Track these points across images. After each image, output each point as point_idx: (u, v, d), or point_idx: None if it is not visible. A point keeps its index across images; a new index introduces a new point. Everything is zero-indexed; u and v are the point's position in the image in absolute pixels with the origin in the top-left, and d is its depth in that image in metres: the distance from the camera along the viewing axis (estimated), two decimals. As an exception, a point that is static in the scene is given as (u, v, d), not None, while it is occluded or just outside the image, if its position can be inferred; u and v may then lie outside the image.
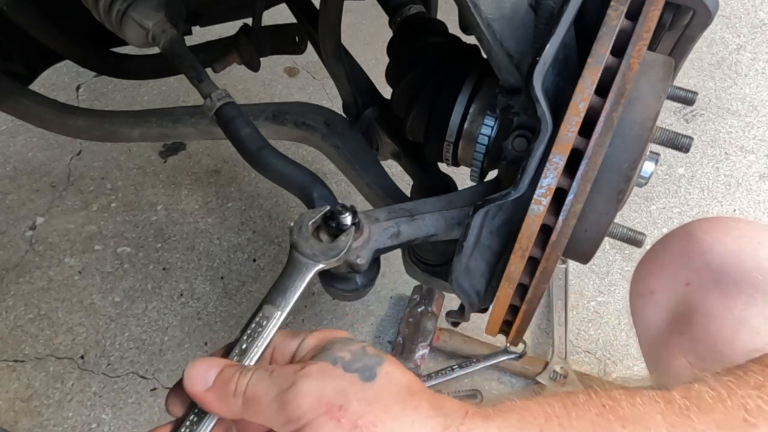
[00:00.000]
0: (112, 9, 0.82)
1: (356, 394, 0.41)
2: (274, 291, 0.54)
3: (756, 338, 0.58)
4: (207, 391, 0.46)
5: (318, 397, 0.41)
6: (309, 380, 0.42)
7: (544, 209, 0.54)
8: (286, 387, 0.42)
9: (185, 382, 0.47)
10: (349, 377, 0.42)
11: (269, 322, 0.51)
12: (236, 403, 0.44)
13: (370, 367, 0.43)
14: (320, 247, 0.58)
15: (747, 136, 1.83)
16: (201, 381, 0.46)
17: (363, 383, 0.42)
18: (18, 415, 1.30)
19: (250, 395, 0.44)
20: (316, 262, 0.57)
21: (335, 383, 0.42)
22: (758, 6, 2.21)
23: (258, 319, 0.51)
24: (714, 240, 0.64)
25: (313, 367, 0.43)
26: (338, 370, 0.43)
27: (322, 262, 0.57)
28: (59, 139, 1.72)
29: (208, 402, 0.46)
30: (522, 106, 0.65)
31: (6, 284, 1.48)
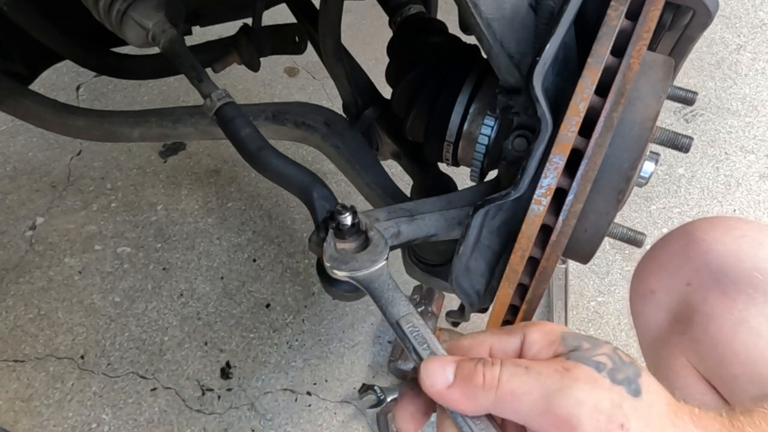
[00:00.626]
0: (112, 9, 0.82)
1: (632, 411, 0.39)
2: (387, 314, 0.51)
3: (756, 338, 0.58)
4: (451, 388, 0.43)
5: (595, 409, 0.39)
6: (582, 387, 0.40)
7: (544, 209, 0.54)
8: (555, 389, 0.40)
9: (425, 383, 0.43)
10: (618, 390, 0.40)
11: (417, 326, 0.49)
12: (487, 397, 0.42)
13: (632, 379, 0.41)
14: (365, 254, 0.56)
15: (747, 136, 1.84)
16: (442, 378, 0.43)
17: (632, 399, 0.40)
18: (18, 415, 1.30)
19: (507, 390, 0.41)
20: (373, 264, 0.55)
21: (608, 396, 0.40)
22: (758, 6, 2.21)
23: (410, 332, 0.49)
24: (714, 240, 0.64)
25: (580, 371, 0.41)
26: (606, 380, 0.41)
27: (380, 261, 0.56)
28: (59, 139, 1.73)
29: (454, 399, 0.43)
30: (522, 106, 0.65)
31: (6, 284, 1.48)
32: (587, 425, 0.39)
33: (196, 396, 1.34)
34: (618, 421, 0.39)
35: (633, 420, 0.39)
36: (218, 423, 1.31)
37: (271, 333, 1.44)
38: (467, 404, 0.43)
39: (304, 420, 1.32)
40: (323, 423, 1.32)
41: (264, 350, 1.41)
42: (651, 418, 0.40)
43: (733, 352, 0.58)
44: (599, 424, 0.38)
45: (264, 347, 1.41)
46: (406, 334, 0.49)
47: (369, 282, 0.55)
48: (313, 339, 1.43)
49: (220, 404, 1.33)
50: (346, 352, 1.42)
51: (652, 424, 0.39)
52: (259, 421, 1.31)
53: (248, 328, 1.44)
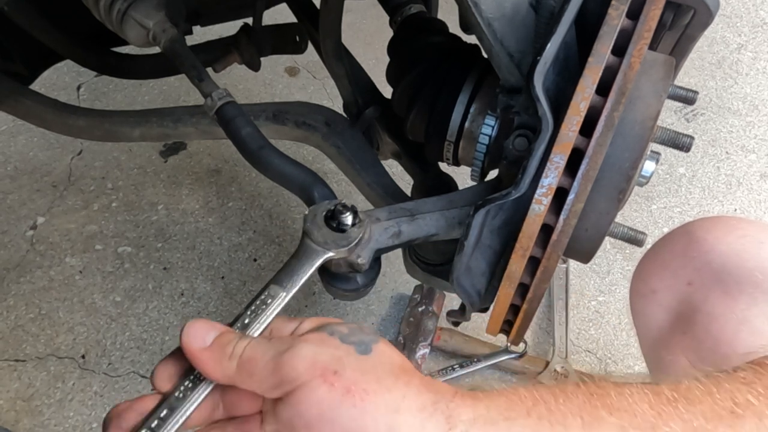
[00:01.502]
0: (112, 9, 0.82)
1: (351, 363, 0.42)
2: (282, 272, 0.55)
3: (758, 338, 0.58)
4: (204, 350, 0.45)
5: (313, 362, 0.41)
6: (306, 345, 0.43)
7: (545, 209, 0.54)
8: (283, 350, 0.43)
9: (183, 338, 0.46)
10: (346, 348, 0.43)
11: (273, 301, 0.52)
12: (230, 365, 0.44)
13: (365, 342, 0.44)
14: (332, 236, 0.59)
15: (748, 135, 1.83)
16: (200, 339, 0.46)
17: (358, 355, 0.43)
18: (19, 414, 1.30)
19: (246, 357, 0.44)
20: (326, 249, 0.58)
21: (331, 351, 0.43)
22: (759, 5, 2.20)
23: (263, 297, 0.52)
24: (715, 239, 0.64)
25: (312, 335, 0.45)
26: (335, 340, 0.44)
27: (332, 251, 0.58)
28: (60, 139, 1.73)
29: (203, 361, 0.45)
30: (523, 105, 0.65)
31: (7, 284, 1.48)
32: (304, 375, 0.41)
33: (196, 395, 1.34)
34: (332, 368, 0.41)
35: (348, 369, 0.41)
36: (219, 422, 1.31)
37: (271, 333, 1.44)
38: (214, 368, 0.45)
39: (304, 419, 1.32)
40: (324, 422, 1.32)
41: (265, 350, 1.41)
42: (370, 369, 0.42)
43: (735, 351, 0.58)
44: (315, 371, 0.41)
45: (265, 347, 1.41)
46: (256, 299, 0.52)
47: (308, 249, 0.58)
48: (313, 338, 1.43)
49: (221, 404, 1.33)
50: (346, 352, 1.41)
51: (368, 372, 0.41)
52: (259, 420, 1.31)
53: (249, 328, 1.44)
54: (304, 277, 0.55)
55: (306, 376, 0.41)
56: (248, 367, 0.44)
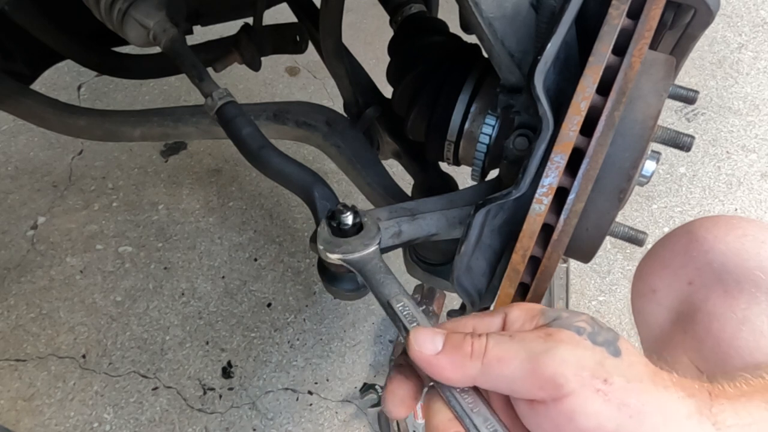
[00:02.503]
0: (113, 8, 0.82)
1: (614, 370, 0.40)
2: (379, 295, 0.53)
3: (759, 337, 0.57)
4: (439, 355, 0.43)
5: (579, 366, 0.39)
6: (565, 347, 0.40)
7: (546, 208, 0.54)
8: (540, 350, 0.40)
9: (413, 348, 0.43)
10: (600, 351, 0.41)
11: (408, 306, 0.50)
12: (474, 365, 0.42)
13: (611, 341, 0.42)
14: (357, 239, 0.58)
15: (748, 135, 1.83)
16: (431, 346, 0.43)
17: (613, 358, 0.41)
18: (20, 414, 1.30)
19: (493, 356, 0.41)
20: (367, 247, 0.57)
21: (591, 354, 0.40)
22: (759, 5, 2.20)
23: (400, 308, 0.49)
24: (716, 239, 0.64)
25: (563, 335, 0.41)
26: (587, 341, 0.41)
27: (373, 245, 0.57)
28: (60, 139, 1.73)
29: (441, 366, 0.42)
30: (523, 105, 0.65)
31: (8, 283, 1.48)
32: (573, 382, 0.39)
33: (197, 395, 1.34)
34: (601, 376, 0.39)
35: (615, 376, 0.39)
36: (219, 422, 1.31)
37: (272, 332, 1.44)
38: (454, 372, 0.43)
39: (305, 419, 1.32)
40: (324, 422, 1.32)
41: (265, 349, 1.41)
42: (632, 375, 0.40)
43: (736, 351, 0.58)
44: (584, 380, 0.39)
45: (265, 346, 1.41)
46: (397, 314, 0.49)
47: (361, 265, 0.56)
48: (314, 338, 1.43)
49: (222, 403, 1.33)
50: (347, 352, 1.42)
51: (633, 380, 0.40)
52: (260, 420, 1.31)
53: (249, 328, 1.44)
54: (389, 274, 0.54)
55: (575, 383, 0.39)
56: (498, 366, 0.41)
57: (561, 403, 0.39)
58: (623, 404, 0.39)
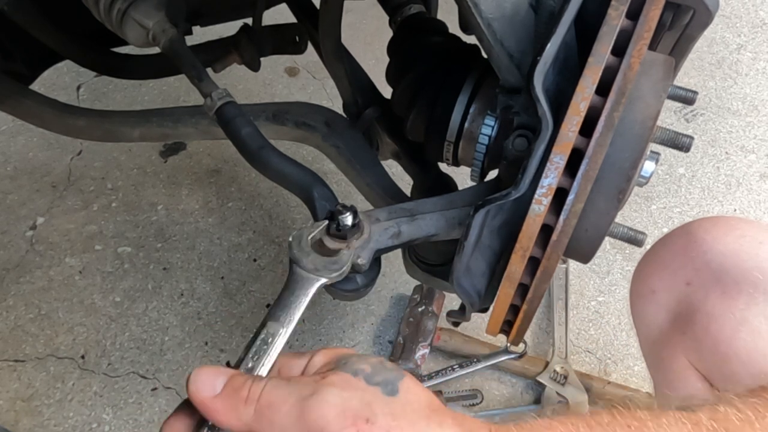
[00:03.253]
0: (112, 9, 0.82)
1: (381, 408, 0.40)
2: (276, 307, 0.52)
3: (756, 338, 0.58)
4: (215, 398, 0.43)
5: (343, 409, 0.39)
6: (332, 389, 0.40)
7: (545, 209, 0.54)
8: (308, 395, 0.40)
9: (190, 388, 0.43)
10: (373, 390, 0.41)
11: (274, 339, 0.50)
12: (248, 411, 0.41)
13: (391, 381, 0.42)
14: (322, 261, 0.57)
15: (747, 135, 1.83)
16: (209, 387, 0.43)
17: (386, 397, 0.41)
18: (19, 414, 1.30)
19: (265, 402, 0.41)
20: (318, 276, 0.56)
21: (359, 395, 0.40)
22: (759, 5, 2.20)
23: (263, 337, 0.49)
24: (715, 239, 0.64)
25: (335, 377, 0.42)
26: (360, 381, 0.42)
27: (324, 277, 0.56)
28: (60, 139, 1.73)
29: (216, 410, 0.42)
30: (522, 105, 0.65)
31: (7, 284, 1.48)
32: (334, 424, 0.39)
33: (196, 396, 1.34)
34: (364, 416, 0.39)
35: (380, 415, 0.39)
36: (219, 423, 1.31)
37: (271, 333, 1.44)
38: (229, 416, 0.42)
39: (304, 420, 1.32)
40: (324, 423, 1.32)
41: (264, 350, 1.41)
42: (402, 412, 0.40)
43: (734, 351, 0.58)
44: (345, 422, 0.39)
45: (264, 347, 1.41)
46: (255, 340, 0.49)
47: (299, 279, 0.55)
48: (313, 339, 1.43)
49: (221, 404, 1.33)
50: (346, 352, 1.41)
51: (401, 417, 0.40)
52: (259, 420, 1.31)
53: (249, 328, 1.44)
54: (301, 308, 0.53)
55: (336, 425, 0.39)
56: (268, 412, 0.41)
57: None
58: None
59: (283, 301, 0.53)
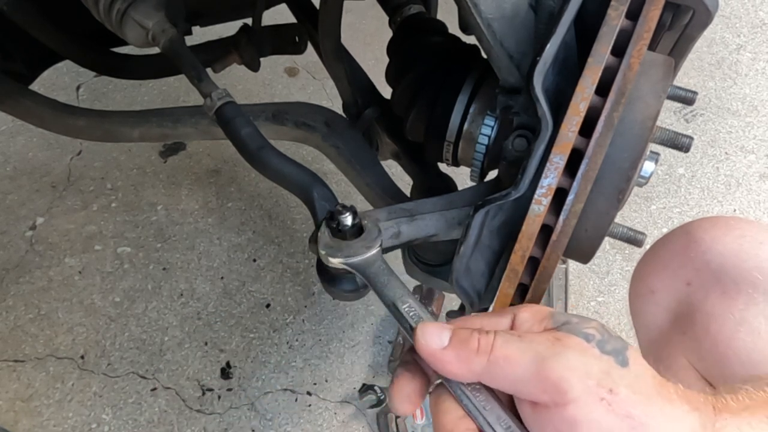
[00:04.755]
0: (112, 9, 0.82)
1: (621, 379, 0.40)
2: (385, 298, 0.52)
3: (756, 338, 0.58)
4: (445, 349, 0.43)
5: (585, 374, 0.39)
6: (573, 353, 0.40)
7: (545, 209, 0.54)
8: (547, 354, 0.40)
9: (419, 341, 0.43)
10: (607, 359, 0.41)
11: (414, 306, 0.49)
12: (480, 361, 0.41)
13: (620, 350, 0.42)
14: (358, 241, 0.57)
15: (747, 136, 1.84)
16: (437, 339, 0.43)
17: (621, 368, 0.41)
18: (18, 415, 1.30)
19: (499, 354, 0.41)
20: (371, 249, 0.56)
21: (598, 363, 0.40)
22: (758, 6, 2.21)
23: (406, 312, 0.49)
24: (714, 239, 0.64)
25: (571, 340, 0.41)
26: (595, 349, 0.41)
27: (374, 247, 0.57)
28: (59, 139, 1.73)
29: (448, 361, 0.42)
30: (522, 106, 0.65)
31: (6, 284, 1.48)
32: (578, 388, 0.39)
33: (196, 396, 1.34)
34: (607, 386, 0.39)
35: (621, 386, 0.39)
36: (218, 423, 1.31)
37: (271, 333, 1.44)
38: (460, 367, 0.43)
39: (304, 420, 1.32)
40: (323, 423, 1.32)
41: (264, 350, 1.41)
42: (638, 386, 0.40)
43: (734, 351, 0.58)
44: (589, 388, 0.39)
45: (264, 347, 1.41)
46: (403, 314, 0.49)
47: (364, 267, 0.56)
48: (313, 339, 1.43)
49: (220, 404, 1.33)
50: (346, 352, 1.42)
51: (639, 392, 0.40)
52: (259, 421, 1.31)
53: (248, 328, 1.44)
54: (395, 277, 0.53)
55: (579, 390, 0.39)
56: (503, 365, 0.41)
57: (564, 409, 0.39)
58: (627, 415, 0.39)
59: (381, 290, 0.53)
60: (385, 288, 0.53)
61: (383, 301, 0.52)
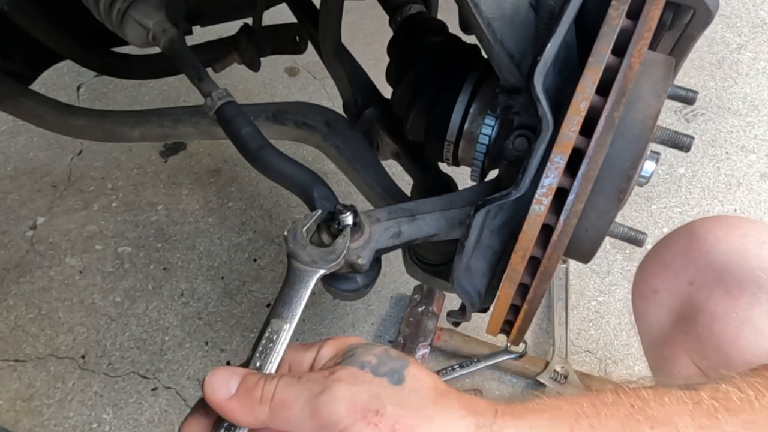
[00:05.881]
0: (112, 9, 0.82)
1: (389, 398, 0.41)
2: (279, 304, 0.53)
3: (760, 338, 0.57)
4: (230, 399, 0.44)
5: (353, 402, 0.41)
6: (341, 385, 0.42)
7: (546, 209, 0.54)
8: (318, 391, 0.42)
9: (206, 390, 0.45)
10: (379, 381, 0.42)
11: (279, 336, 0.50)
12: (263, 410, 0.43)
13: (397, 370, 0.43)
14: (318, 253, 0.57)
15: (748, 135, 1.83)
16: (224, 389, 0.45)
17: (393, 387, 0.42)
18: (19, 414, 1.30)
19: (278, 401, 0.43)
20: (316, 268, 0.56)
21: (367, 388, 0.42)
22: (759, 5, 2.20)
23: (268, 335, 0.50)
24: (717, 239, 0.64)
25: (343, 372, 0.43)
26: (367, 374, 0.43)
27: (322, 268, 0.56)
28: (60, 139, 1.73)
29: (232, 410, 0.44)
30: (523, 105, 0.65)
31: (7, 284, 1.48)
32: (345, 418, 0.40)
33: (197, 396, 1.34)
34: (374, 408, 0.40)
35: (389, 405, 0.40)
36: (219, 423, 1.31)
37: (271, 333, 1.43)
38: (245, 416, 0.44)
39: (304, 420, 1.32)
40: (324, 423, 1.32)
41: (265, 350, 1.41)
42: (410, 401, 0.41)
43: (738, 351, 0.58)
44: (356, 415, 0.40)
45: (265, 347, 1.41)
46: (261, 339, 0.50)
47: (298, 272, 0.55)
48: (313, 339, 1.43)
49: (221, 404, 1.33)
50: (346, 352, 1.41)
51: (408, 405, 0.41)
52: (259, 421, 1.31)
53: (249, 328, 1.44)
54: (302, 302, 0.53)
55: (348, 420, 0.40)
56: (282, 411, 0.42)
57: None
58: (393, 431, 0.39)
59: (284, 298, 0.53)
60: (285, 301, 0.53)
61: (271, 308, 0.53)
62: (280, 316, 0.52)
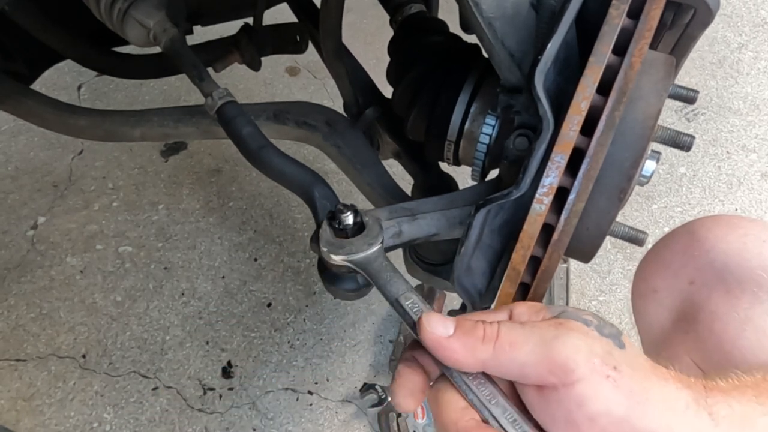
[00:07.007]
0: (113, 8, 0.82)
1: (622, 358, 0.41)
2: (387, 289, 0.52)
3: (762, 337, 0.57)
4: (450, 338, 0.43)
5: (590, 353, 0.40)
6: (576, 334, 0.41)
7: (546, 208, 0.54)
8: (551, 337, 0.41)
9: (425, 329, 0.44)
10: (607, 342, 0.42)
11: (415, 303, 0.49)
12: (485, 349, 0.42)
13: (616, 335, 0.43)
14: (360, 239, 0.58)
15: (749, 135, 1.83)
16: (442, 329, 0.44)
17: (620, 350, 0.42)
18: (20, 414, 1.30)
19: (504, 340, 0.42)
20: (371, 247, 0.57)
21: (600, 344, 0.41)
22: (760, 5, 2.20)
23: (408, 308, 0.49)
24: (717, 238, 0.64)
25: (572, 324, 0.42)
26: (594, 332, 0.42)
27: (376, 245, 0.57)
28: (61, 139, 1.73)
29: (453, 349, 0.43)
30: (523, 105, 0.65)
31: (8, 283, 1.48)
32: (584, 367, 0.40)
33: (197, 395, 1.34)
34: (611, 364, 0.40)
35: (624, 365, 0.41)
36: (219, 422, 1.31)
37: (272, 332, 1.44)
38: (466, 356, 0.43)
39: (305, 419, 1.32)
40: (324, 422, 1.32)
41: (265, 349, 1.41)
42: (636, 366, 0.41)
43: (739, 350, 0.58)
44: (595, 366, 0.40)
45: (265, 346, 1.41)
46: (406, 310, 0.49)
47: (366, 264, 0.56)
48: (314, 338, 1.43)
49: (222, 403, 1.33)
50: (347, 352, 1.42)
51: (637, 371, 0.41)
52: (260, 420, 1.31)
53: (249, 328, 1.44)
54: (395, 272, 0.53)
55: (585, 369, 0.40)
56: (509, 350, 0.42)
57: (571, 389, 0.40)
58: (631, 391, 0.40)
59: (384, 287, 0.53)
60: (387, 284, 0.53)
61: (386, 297, 0.52)
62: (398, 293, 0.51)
